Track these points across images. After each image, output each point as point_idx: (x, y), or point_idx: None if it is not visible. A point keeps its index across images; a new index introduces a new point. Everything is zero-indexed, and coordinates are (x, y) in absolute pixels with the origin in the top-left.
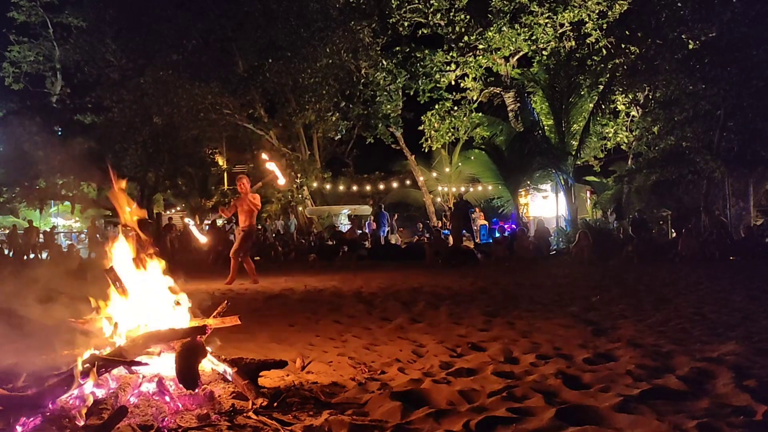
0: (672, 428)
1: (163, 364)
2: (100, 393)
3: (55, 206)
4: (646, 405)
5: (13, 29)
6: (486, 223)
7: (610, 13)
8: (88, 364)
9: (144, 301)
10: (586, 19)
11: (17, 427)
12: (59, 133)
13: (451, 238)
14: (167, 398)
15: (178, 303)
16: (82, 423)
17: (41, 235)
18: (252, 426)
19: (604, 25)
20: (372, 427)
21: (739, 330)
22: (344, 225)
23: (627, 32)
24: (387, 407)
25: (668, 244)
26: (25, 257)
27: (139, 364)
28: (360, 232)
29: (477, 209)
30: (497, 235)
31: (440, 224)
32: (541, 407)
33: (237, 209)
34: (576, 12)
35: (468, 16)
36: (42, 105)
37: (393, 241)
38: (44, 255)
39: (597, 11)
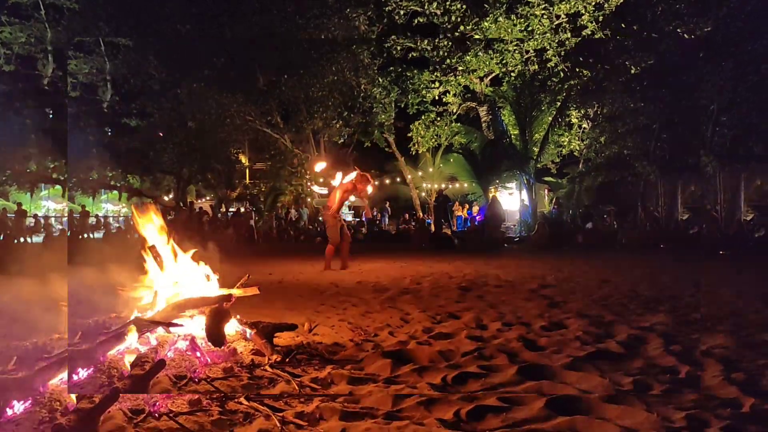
0: (661, 419)
1: (195, 325)
2: (143, 348)
3: (45, 190)
4: (592, 364)
5: (4, 10)
6: (463, 214)
7: (567, 42)
8: (133, 325)
9: (179, 274)
10: (547, 47)
11: (7, 409)
12: (50, 116)
13: (432, 226)
14: (198, 354)
15: (207, 277)
16: (74, 406)
17: (32, 219)
18: (268, 377)
19: (562, 52)
20: (367, 380)
21: (726, 323)
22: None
23: (581, 58)
24: (379, 363)
25: (611, 233)
26: (16, 241)
27: (175, 325)
28: (358, 219)
29: (457, 203)
30: (468, 224)
31: (423, 216)
32: (505, 365)
33: (339, 196)
34: (539, 40)
35: (464, 6)
36: (34, 87)
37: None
38: (35, 239)
39: (557, 41)
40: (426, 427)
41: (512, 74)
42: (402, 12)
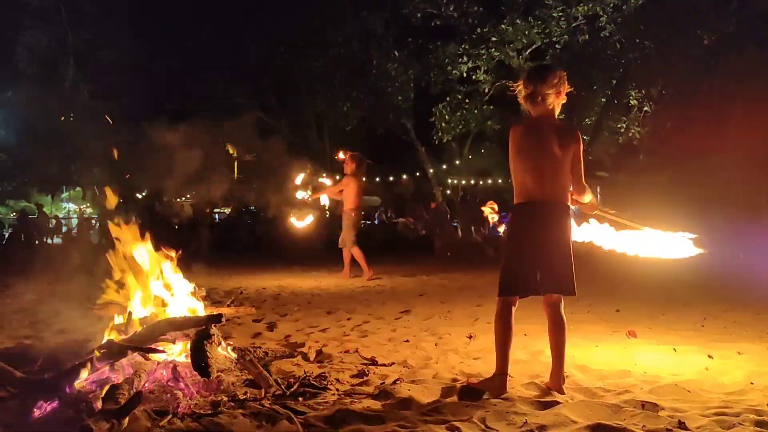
0: None
1: (178, 351)
2: (117, 378)
3: (66, 191)
4: None
5: (26, 13)
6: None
7: (625, 6)
8: (105, 350)
9: (160, 289)
10: (600, 12)
11: (34, 409)
12: (71, 118)
13: (459, 231)
14: (182, 385)
15: (193, 292)
16: (99, 407)
17: (52, 221)
18: (265, 414)
19: (619, 19)
20: (385, 418)
21: None
22: None
23: (642, 27)
24: (402, 397)
25: None
26: (36, 242)
27: (155, 351)
28: (369, 222)
29: (489, 203)
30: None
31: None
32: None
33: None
34: (590, 5)
35: (481, 9)
36: (55, 90)
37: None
38: (54, 240)
39: (612, 4)
40: None
41: (557, 46)
42: (419, 15)
